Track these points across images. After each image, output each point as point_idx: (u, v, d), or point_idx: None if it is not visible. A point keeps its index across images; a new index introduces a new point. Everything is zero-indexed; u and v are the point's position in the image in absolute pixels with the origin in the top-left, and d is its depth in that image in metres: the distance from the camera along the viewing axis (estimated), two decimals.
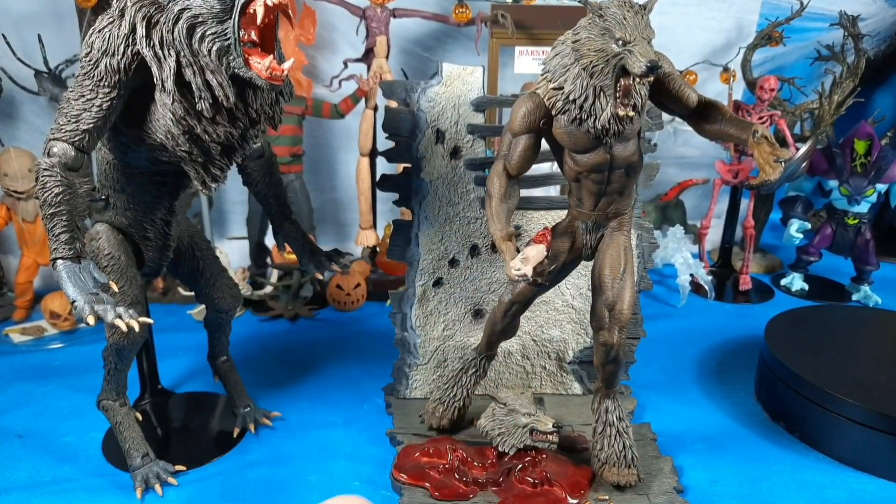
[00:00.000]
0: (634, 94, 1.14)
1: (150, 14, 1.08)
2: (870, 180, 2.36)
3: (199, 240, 1.58)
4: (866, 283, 2.50)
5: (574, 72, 1.15)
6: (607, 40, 1.11)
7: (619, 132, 1.18)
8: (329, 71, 2.54)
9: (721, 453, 1.56)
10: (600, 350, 1.34)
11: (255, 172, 1.51)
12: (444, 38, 2.64)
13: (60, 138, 1.12)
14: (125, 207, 1.38)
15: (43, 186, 1.11)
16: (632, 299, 1.31)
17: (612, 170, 1.25)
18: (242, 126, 1.19)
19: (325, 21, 2.53)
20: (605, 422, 1.38)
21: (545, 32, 2.23)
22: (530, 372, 1.75)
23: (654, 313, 2.35)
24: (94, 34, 1.12)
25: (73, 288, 1.09)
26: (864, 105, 2.81)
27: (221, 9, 1.07)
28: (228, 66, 1.10)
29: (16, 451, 1.54)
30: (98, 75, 1.11)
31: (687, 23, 2.77)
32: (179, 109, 1.12)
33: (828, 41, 2.71)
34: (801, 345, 1.78)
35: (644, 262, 1.67)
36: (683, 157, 2.94)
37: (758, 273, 2.77)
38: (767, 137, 1.19)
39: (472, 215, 1.63)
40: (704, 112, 1.25)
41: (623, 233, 1.34)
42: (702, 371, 1.97)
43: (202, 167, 1.22)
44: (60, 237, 1.11)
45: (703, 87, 2.74)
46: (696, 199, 3.04)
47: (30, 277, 2.29)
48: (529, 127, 1.23)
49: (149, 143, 1.20)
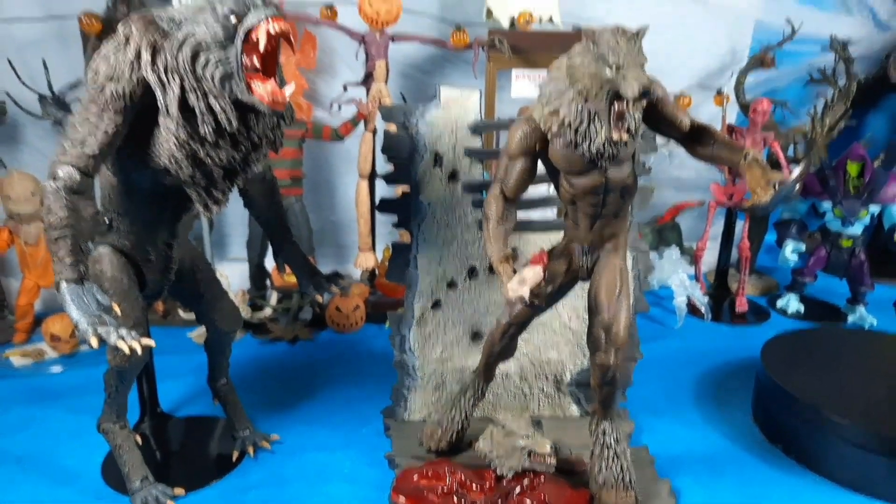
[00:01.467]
0: (628, 118, 1.17)
1: (155, 41, 1.11)
2: (863, 202, 2.38)
3: (200, 262, 1.59)
4: (862, 304, 2.51)
5: (569, 96, 1.18)
6: (601, 66, 1.13)
7: (613, 155, 1.20)
8: (329, 95, 2.58)
9: (719, 475, 1.56)
10: (597, 371, 1.35)
11: (257, 195, 1.53)
12: (443, 63, 2.68)
13: (66, 162, 1.14)
14: (128, 230, 1.39)
15: (48, 210, 1.13)
16: (628, 321, 1.32)
17: (607, 192, 1.27)
18: (244, 150, 1.21)
19: (326, 46, 2.57)
20: (603, 444, 1.39)
21: (541, 57, 2.27)
22: (528, 394, 1.76)
23: (651, 335, 2.35)
24: (100, 60, 1.14)
25: (77, 310, 1.10)
26: (857, 128, 2.85)
27: (225, 36, 1.10)
28: (231, 92, 1.12)
29: (15, 474, 1.54)
30: (103, 100, 1.13)
31: (681, 47, 2.81)
32: (183, 133, 1.14)
33: (819, 65, 2.76)
34: (797, 366, 1.78)
35: (640, 284, 1.69)
36: (679, 179, 2.97)
37: (754, 295, 2.79)
38: (758, 160, 1.22)
39: (469, 238, 1.65)
40: (697, 135, 1.28)
41: (618, 255, 1.36)
42: (699, 393, 1.97)
43: (204, 190, 1.24)
44: (65, 260, 1.13)
45: (697, 109, 2.78)
46: (692, 221, 3.06)
47: (31, 300, 2.30)
48: (526, 150, 1.26)
49: (152, 166, 1.22)
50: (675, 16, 2.77)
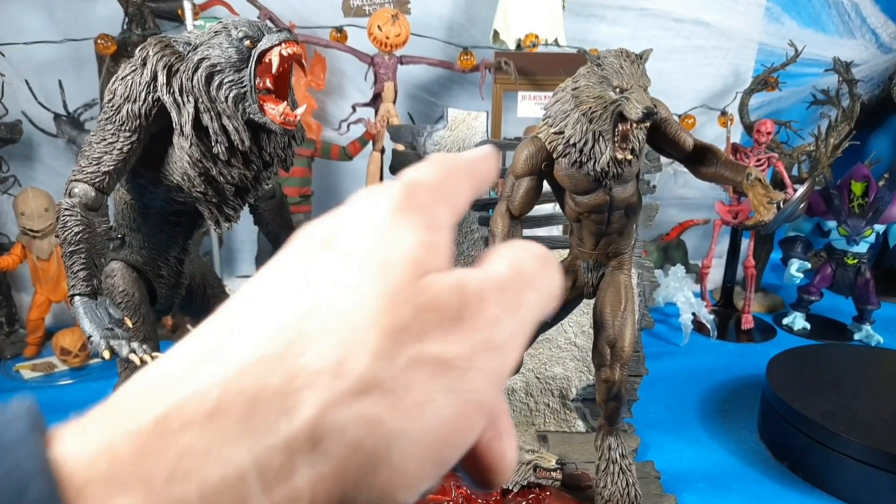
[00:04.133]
0: (632, 139, 1.19)
1: (171, 63, 1.14)
2: (868, 221, 2.39)
3: (210, 277, 1.62)
4: (868, 322, 2.51)
5: (574, 117, 1.20)
6: (605, 88, 1.16)
7: (617, 174, 1.22)
8: (338, 115, 2.62)
9: (724, 492, 1.56)
10: (602, 387, 1.36)
11: (267, 212, 1.56)
12: (450, 84, 2.72)
13: (82, 179, 1.17)
14: (140, 246, 1.42)
15: (63, 225, 1.16)
16: (633, 337, 1.34)
17: (612, 210, 1.30)
18: (256, 168, 1.24)
19: (335, 67, 2.62)
20: (609, 459, 1.39)
21: (547, 79, 2.30)
22: (534, 409, 1.77)
23: (657, 352, 2.36)
24: (118, 81, 1.18)
25: (90, 323, 1.13)
26: (861, 147, 2.87)
27: (238, 58, 1.14)
28: (244, 112, 1.16)
29: None
30: (120, 120, 1.16)
31: (685, 69, 2.85)
32: (196, 152, 1.17)
33: (823, 86, 2.79)
34: (803, 383, 1.79)
35: (645, 301, 1.70)
36: (684, 198, 2.99)
37: (760, 312, 2.79)
38: (761, 180, 1.24)
39: (476, 254, 1.68)
40: (700, 155, 1.30)
41: (624, 272, 1.38)
42: (705, 409, 1.97)
43: (216, 207, 1.27)
44: (79, 274, 1.16)
45: (701, 130, 2.81)
46: (697, 239, 3.07)
47: (42, 314, 2.33)
48: (532, 170, 1.28)
49: (166, 184, 1.25)
50: (679, 38, 2.82)
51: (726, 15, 2.82)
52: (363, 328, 0.24)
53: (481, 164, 0.34)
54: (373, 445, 0.23)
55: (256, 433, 0.22)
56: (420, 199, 0.29)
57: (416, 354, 0.24)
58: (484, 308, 0.26)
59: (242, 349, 0.24)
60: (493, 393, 0.26)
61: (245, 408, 0.23)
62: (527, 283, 0.28)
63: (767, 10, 2.89)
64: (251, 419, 0.22)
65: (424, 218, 0.28)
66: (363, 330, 0.24)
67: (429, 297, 0.25)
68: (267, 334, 0.24)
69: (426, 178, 0.30)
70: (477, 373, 0.25)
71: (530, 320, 0.28)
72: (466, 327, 0.25)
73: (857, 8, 3.01)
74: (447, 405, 0.24)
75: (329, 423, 0.23)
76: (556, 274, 0.31)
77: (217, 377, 0.23)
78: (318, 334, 0.24)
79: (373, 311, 0.24)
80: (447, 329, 0.25)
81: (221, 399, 0.23)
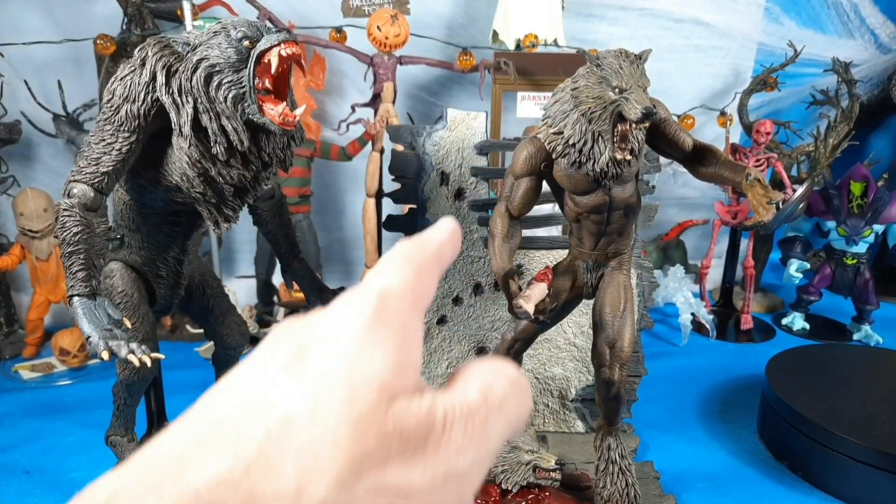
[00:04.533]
0: (631, 139, 1.19)
1: (170, 63, 1.14)
2: (867, 221, 2.39)
3: (209, 278, 1.62)
4: (867, 322, 2.51)
5: (573, 117, 1.20)
6: (604, 88, 1.16)
7: (617, 175, 1.22)
8: (337, 115, 2.62)
9: (724, 492, 1.56)
10: (602, 387, 1.36)
11: (266, 213, 1.56)
12: (449, 84, 2.72)
13: (80, 180, 1.17)
14: (139, 246, 1.42)
15: (62, 226, 1.16)
16: (632, 337, 1.34)
17: (611, 211, 1.30)
18: (255, 169, 1.24)
19: (335, 68, 2.62)
20: (608, 459, 1.39)
21: (546, 79, 2.31)
22: (533, 409, 1.77)
23: (656, 352, 2.36)
24: (117, 82, 1.18)
25: (89, 324, 1.13)
26: (860, 148, 2.87)
27: (237, 59, 1.14)
28: (243, 113, 1.16)
29: (24, 487, 1.56)
30: (119, 120, 1.16)
31: (685, 69, 2.85)
32: (195, 153, 1.17)
33: (822, 86, 2.79)
34: (802, 383, 1.79)
35: (645, 301, 1.70)
36: (684, 198, 2.99)
37: (759, 312, 2.79)
38: (760, 180, 1.23)
39: (475, 254, 1.67)
40: (699, 156, 1.30)
41: (623, 272, 1.38)
42: (704, 409, 1.98)
43: (215, 208, 1.27)
44: (77, 275, 1.15)
45: (701, 130, 2.81)
46: (697, 239, 3.07)
47: (41, 315, 2.33)
48: (531, 170, 1.28)
49: (165, 184, 1.24)
50: (679, 38, 2.82)
51: (726, 15, 2.82)
52: (326, 457, 0.24)
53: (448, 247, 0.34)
54: None
55: None
56: (392, 310, 0.29)
57: (376, 483, 0.24)
58: (449, 437, 0.26)
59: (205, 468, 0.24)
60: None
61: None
62: (493, 411, 0.28)
63: (767, 10, 2.90)
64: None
65: (395, 334, 0.28)
66: (325, 458, 0.24)
67: (395, 425, 0.25)
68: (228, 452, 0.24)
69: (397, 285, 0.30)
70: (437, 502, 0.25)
71: (494, 448, 0.28)
72: (430, 455, 0.25)
73: (857, 8, 3.01)
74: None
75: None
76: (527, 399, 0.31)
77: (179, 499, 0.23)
78: (279, 458, 0.24)
79: (338, 438, 0.24)
80: (410, 457, 0.25)
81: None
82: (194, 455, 0.24)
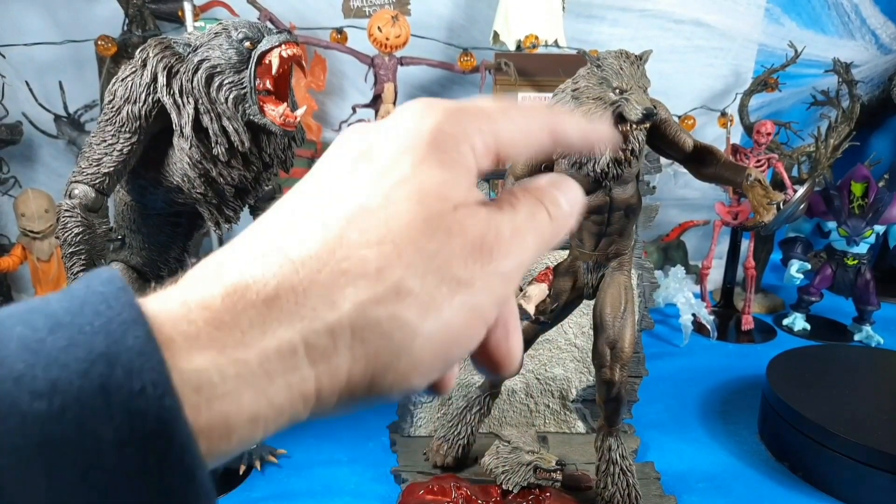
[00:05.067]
0: (632, 140, 1.19)
1: (171, 64, 1.15)
2: (868, 222, 2.39)
3: None
4: (868, 323, 2.51)
5: None
6: (605, 89, 1.16)
7: (617, 175, 1.22)
8: (338, 116, 2.62)
9: (725, 493, 1.56)
10: (602, 388, 1.36)
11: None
12: (450, 85, 2.72)
13: (82, 181, 1.17)
14: (140, 247, 1.42)
15: (64, 227, 1.16)
16: (632, 337, 1.34)
17: (612, 211, 1.30)
18: (256, 169, 1.24)
19: (335, 68, 2.62)
20: (609, 460, 1.40)
21: (547, 80, 2.31)
22: (534, 410, 1.77)
23: (657, 352, 2.36)
24: (118, 83, 1.18)
25: None
26: (861, 148, 2.87)
27: (238, 60, 1.14)
28: (244, 114, 1.16)
29: None
30: (120, 121, 1.17)
31: (686, 70, 2.85)
32: (196, 154, 1.17)
33: (823, 87, 2.79)
34: (803, 384, 1.79)
35: (645, 302, 1.70)
36: (684, 198, 2.99)
37: (760, 313, 2.79)
38: (761, 181, 1.24)
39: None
40: (700, 156, 1.30)
41: (623, 272, 1.38)
42: (705, 410, 1.97)
43: (216, 208, 1.27)
44: (79, 275, 1.16)
45: (701, 131, 2.81)
46: (698, 239, 3.07)
47: None
48: (531, 170, 1.28)
49: (166, 185, 1.25)
50: (679, 39, 2.82)
51: (726, 15, 2.82)
52: (403, 246, 0.29)
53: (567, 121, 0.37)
54: (400, 339, 0.28)
55: (305, 319, 0.27)
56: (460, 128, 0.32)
57: (441, 272, 0.29)
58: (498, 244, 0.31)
59: (295, 247, 0.28)
60: (495, 309, 0.32)
61: (297, 298, 0.27)
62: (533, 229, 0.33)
63: (767, 10, 2.89)
64: (301, 307, 0.27)
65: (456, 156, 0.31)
66: (403, 247, 0.28)
67: (458, 228, 0.30)
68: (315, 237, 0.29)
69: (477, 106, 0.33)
70: (485, 293, 0.30)
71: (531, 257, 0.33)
72: (483, 257, 0.30)
73: (857, 9, 3.01)
74: (460, 314, 0.30)
75: (367, 318, 0.28)
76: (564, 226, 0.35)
77: (274, 269, 0.28)
78: (360, 243, 0.28)
79: (411, 231, 0.29)
80: (467, 255, 0.30)
81: (278, 288, 0.27)
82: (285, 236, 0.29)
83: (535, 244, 0.33)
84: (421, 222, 0.29)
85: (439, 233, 0.29)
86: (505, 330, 0.35)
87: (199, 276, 0.29)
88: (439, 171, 0.30)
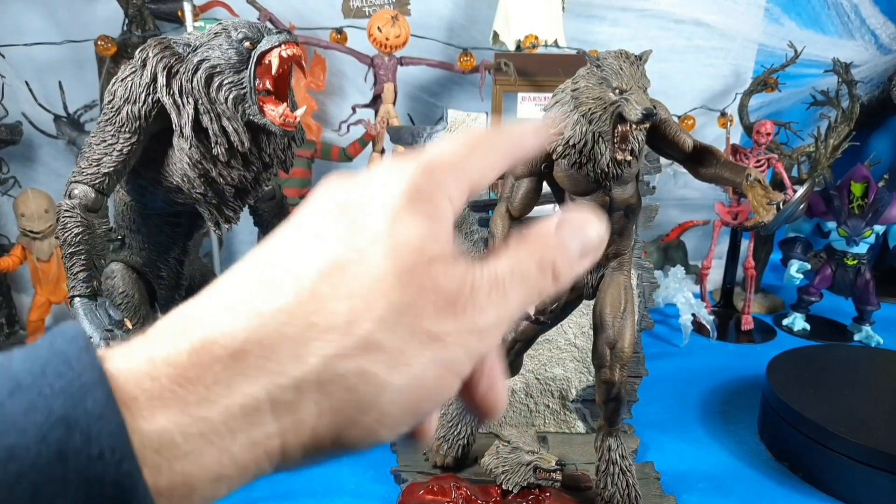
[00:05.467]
0: (632, 140, 1.19)
1: (171, 64, 1.14)
2: (867, 222, 2.39)
3: (210, 279, 1.60)
4: (868, 323, 2.51)
5: (574, 118, 1.20)
6: (605, 89, 1.16)
7: (617, 175, 1.22)
8: (338, 116, 2.62)
9: (725, 493, 1.56)
10: (602, 388, 1.36)
11: (267, 214, 1.56)
12: (450, 85, 2.72)
13: (81, 181, 1.17)
14: (140, 247, 1.42)
15: (63, 227, 1.17)
16: (632, 337, 1.34)
17: (612, 212, 1.30)
18: (256, 169, 1.24)
19: (335, 69, 2.62)
20: (609, 460, 1.40)
21: (547, 80, 2.31)
22: (534, 410, 1.77)
23: (657, 352, 2.36)
24: (118, 83, 1.18)
25: (90, 324, 1.13)
26: (860, 148, 2.87)
27: (238, 60, 1.14)
28: (244, 114, 1.16)
29: None
30: (120, 121, 1.17)
31: (685, 70, 2.85)
32: (196, 154, 1.17)
33: (822, 87, 2.79)
34: (803, 384, 1.79)
35: (645, 302, 1.70)
36: (684, 198, 2.99)
37: (759, 313, 2.79)
38: (760, 181, 1.24)
39: (476, 255, 1.68)
40: (700, 156, 1.30)
41: (623, 273, 1.38)
42: (705, 410, 1.97)
43: (216, 208, 1.27)
44: (78, 275, 1.16)
45: (701, 131, 2.81)
46: (697, 240, 3.07)
47: (42, 315, 2.33)
48: (531, 171, 1.28)
49: (165, 185, 1.25)
50: (679, 39, 2.82)
51: (726, 15, 2.82)
52: (372, 300, 0.28)
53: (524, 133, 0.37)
54: (367, 393, 0.28)
55: (272, 374, 0.27)
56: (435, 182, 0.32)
57: (412, 326, 0.29)
58: (475, 300, 0.31)
59: (265, 300, 0.28)
60: (469, 364, 0.31)
61: (264, 352, 0.27)
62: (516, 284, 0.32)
63: (767, 10, 2.89)
64: (268, 361, 0.27)
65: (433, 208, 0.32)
66: (372, 301, 0.28)
67: (432, 283, 0.29)
68: (286, 290, 0.28)
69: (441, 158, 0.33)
70: (458, 348, 0.30)
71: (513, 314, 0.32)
72: (458, 312, 0.30)
73: (857, 9, 3.01)
74: (430, 369, 0.29)
75: (334, 372, 0.28)
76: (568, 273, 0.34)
77: (243, 322, 0.28)
78: (331, 297, 0.28)
79: (383, 286, 0.29)
80: (440, 310, 0.29)
81: (245, 343, 0.27)
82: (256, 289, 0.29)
83: (520, 299, 0.32)
84: (393, 276, 0.29)
85: (411, 287, 0.29)
86: (489, 381, 0.35)
87: (168, 330, 0.29)
88: (415, 227, 0.30)
